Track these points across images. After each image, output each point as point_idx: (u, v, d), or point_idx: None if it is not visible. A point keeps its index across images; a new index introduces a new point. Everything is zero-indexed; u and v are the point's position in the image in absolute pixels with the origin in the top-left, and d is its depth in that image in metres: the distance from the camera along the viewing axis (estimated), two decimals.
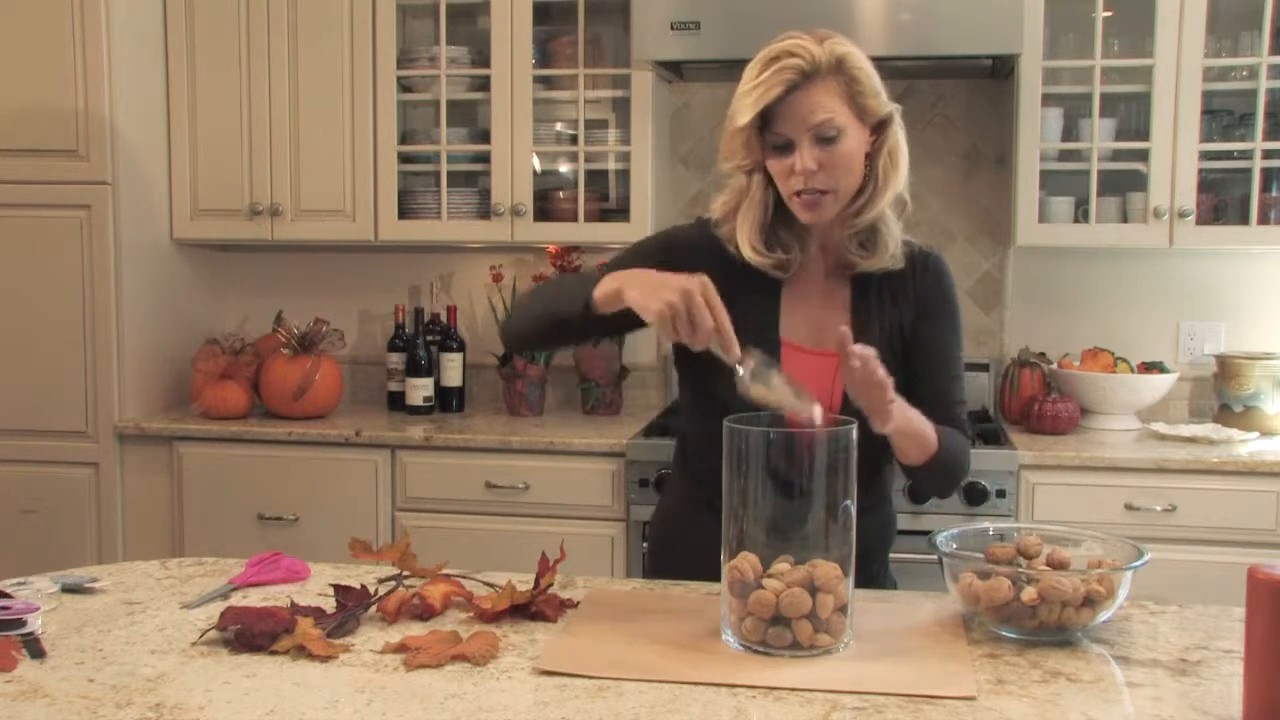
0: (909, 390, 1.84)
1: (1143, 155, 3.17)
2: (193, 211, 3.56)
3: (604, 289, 1.71)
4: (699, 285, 1.58)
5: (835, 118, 1.72)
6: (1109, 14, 3.19)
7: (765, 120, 1.74)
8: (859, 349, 1.59)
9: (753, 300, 1.83)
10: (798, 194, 1.75)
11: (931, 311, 1.89)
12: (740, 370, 1.58)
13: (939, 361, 1.90)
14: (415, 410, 3.51)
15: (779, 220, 1.83)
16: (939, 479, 1.86)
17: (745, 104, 1.74)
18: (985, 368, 3.49)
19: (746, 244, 1.81)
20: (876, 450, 1.72)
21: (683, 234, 1.94)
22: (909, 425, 1.73)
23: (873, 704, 1.32)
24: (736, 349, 1.59)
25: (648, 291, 1.62)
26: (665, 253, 1.85)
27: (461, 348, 3.59)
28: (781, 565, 1.45)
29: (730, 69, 3.36)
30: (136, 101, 3.41)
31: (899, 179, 1.80)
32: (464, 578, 1.73)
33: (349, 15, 3.42)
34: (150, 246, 3.50)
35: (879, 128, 1.79)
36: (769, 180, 1.80)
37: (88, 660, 1.45)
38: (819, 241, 1.86)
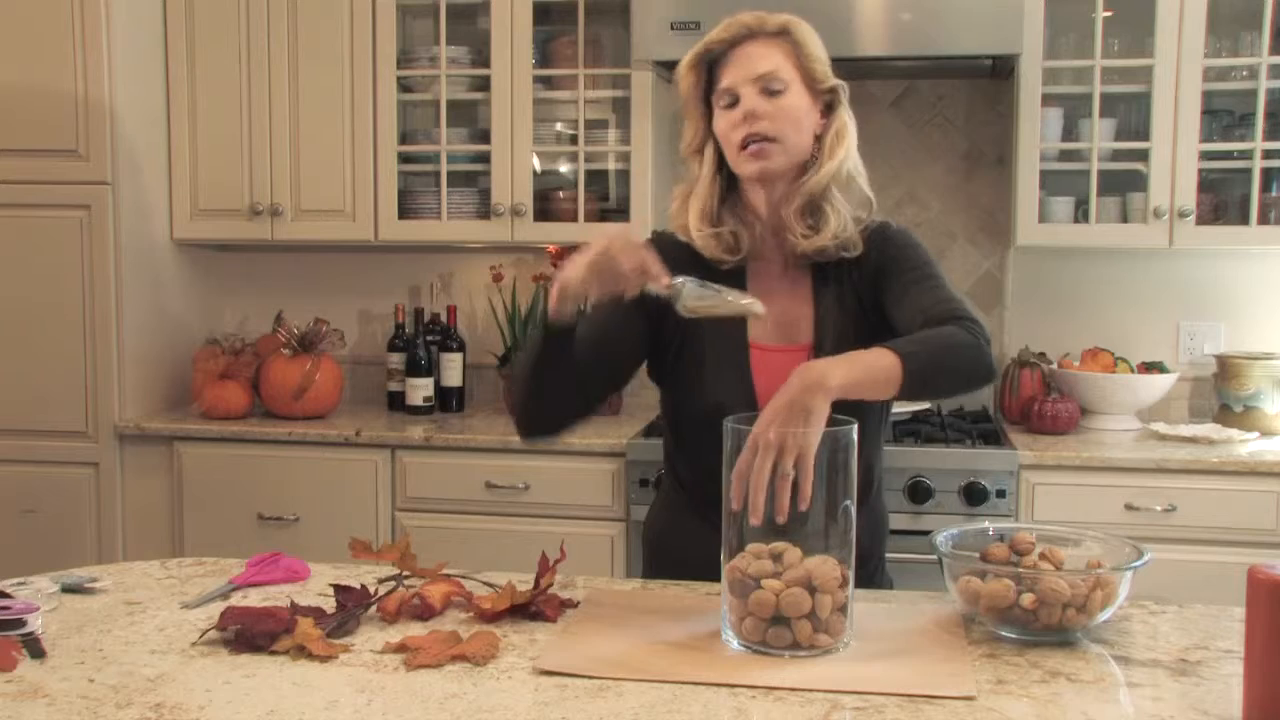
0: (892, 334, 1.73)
1: (1143, 155, 3.16)
2: (193, 211, 3.56)
3: (551, 306, 1.69)
4: (612, 233, 1.62)
5: (779, 70, 1.77)
6: (1109, 14, 3.19)
7: (712, 81, 1.80)
8: None
9: None
10: (744, 146, 1.77)
11: (886, 265, 1.82)
12: (670, 295, 1.61)
13: (911, 283, 1.77)
14: (415, 410, 3.51)
15: (725, 203, 1.85)
16: (941, 382, 1.68)
17: (689, 55, 1.80)
18: None
19: (693, 222, 1.83)
20: (862, 446, 1.71)
21: None
22: (857, 378, 1.54)
23: (873, 704, 1.32)
24: (664, 278, 1.62)
25: (569, 268, 1.64)
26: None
27: (461, 348, 3.59)
28: (781, 545, 1.45)
29: None
30: (136, 101, 3.41)
31: (843, 153, 1.80)
32: (464, 578, 1.73)
33: (349, 15, 3.42)
34: (150, 246, 3.50)
35: (827, 110, 1.82)
36: (718, 159, 1.83)
37: (88, 660, 1.45)
38: (769, 224, 1.84)
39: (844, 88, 1.82)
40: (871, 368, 1.56)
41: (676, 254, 1.83)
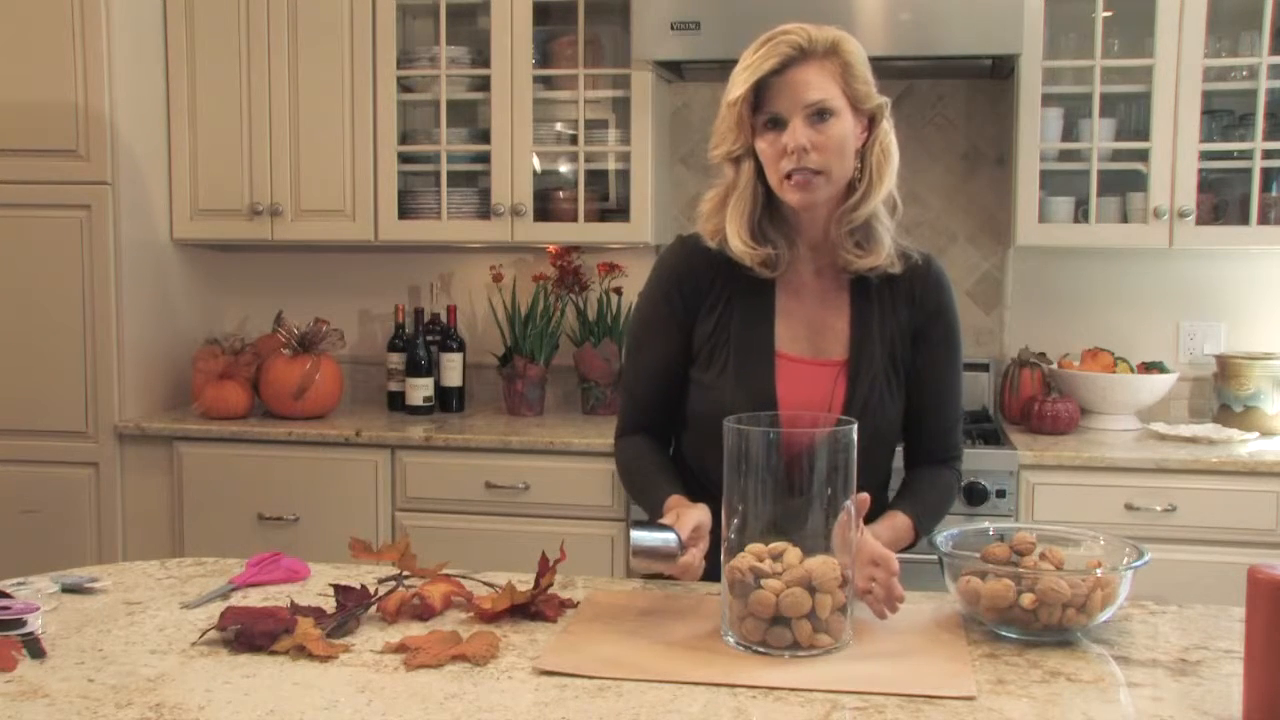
0: (907, 419, 1.87)
1: (1143, 155, 3.17)
2: (192, 211, 3.56)
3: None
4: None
5: (829, 98, 1.72)
6: (1109, 14, 3.19)
7: (758, 101, 1.73)
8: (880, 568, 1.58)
9: (746, 311, 1.83)
10: (788, 176, 1.73)
11: (933, 335, 1.87)
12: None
13: (940, 395, 1.89)
14: (415, 410, 3.51)
15: (766, 215, 1.81)
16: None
17: (740, 79, 1.73)
18: (985, 368, 3.48)
19: (735, 236, 1.79)
20: (872, 448, 1.71)
21: (676, 263, 1.90)
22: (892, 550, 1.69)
23: (873, 704, 1.32)
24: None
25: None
26: (678, 288, 1.87)
27: (461, 348, 3.59)
28: (781, 545, 1.45)
29: (730, 69, 3.39)
30: (136, 101, 3.41)
31: (892, 173, 1.79)
32: (464, 578, 1.73)
33: (349, 15, 3.42)
34: (150, 246, 3.50)
35: (871, 122, 1.78)
36: (758, 171, 1.78)
37: (88, 660, 1.45)
38: (808, 241, 1.83)
39: (887, 103, 1.79)
40: (902, 542, 1.80)
41: (706, 260, 1.84)
